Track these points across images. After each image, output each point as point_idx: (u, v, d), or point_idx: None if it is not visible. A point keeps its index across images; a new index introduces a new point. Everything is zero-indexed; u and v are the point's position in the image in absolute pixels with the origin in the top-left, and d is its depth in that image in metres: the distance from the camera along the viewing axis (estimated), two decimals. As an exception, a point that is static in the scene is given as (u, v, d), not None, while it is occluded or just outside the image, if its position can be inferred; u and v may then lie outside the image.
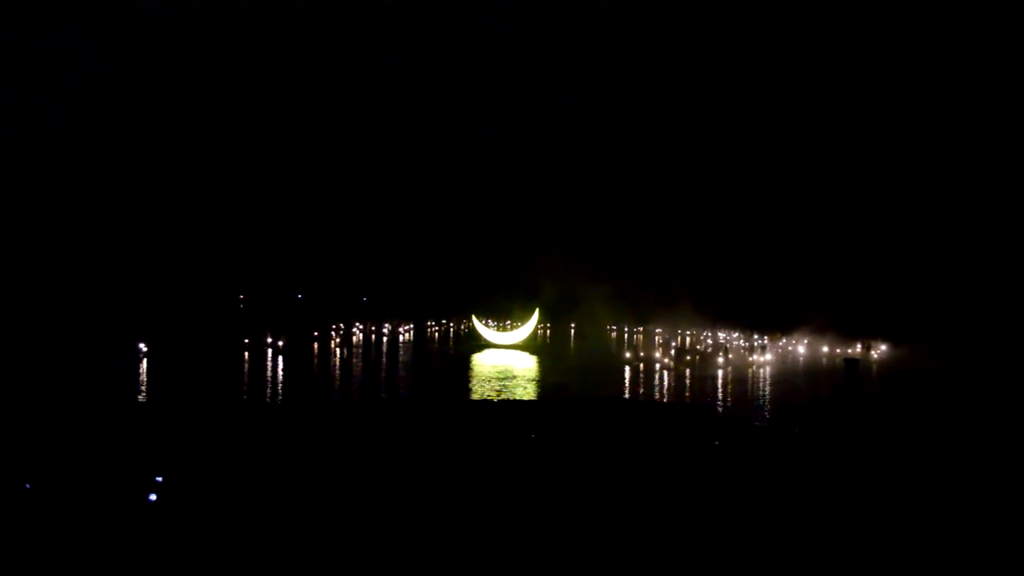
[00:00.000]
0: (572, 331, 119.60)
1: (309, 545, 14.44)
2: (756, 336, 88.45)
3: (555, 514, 16.57)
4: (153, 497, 16.39)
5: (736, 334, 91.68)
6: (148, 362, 52.19)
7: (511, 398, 39.79)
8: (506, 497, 17.56)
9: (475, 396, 42.14)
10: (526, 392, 43.86)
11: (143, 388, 40.76)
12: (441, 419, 27.35)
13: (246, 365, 54.36)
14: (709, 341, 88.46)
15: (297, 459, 20.39)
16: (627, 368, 59.01)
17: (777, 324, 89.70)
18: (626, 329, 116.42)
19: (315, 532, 15.03)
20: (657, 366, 60.55)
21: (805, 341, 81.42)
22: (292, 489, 17.67)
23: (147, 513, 15.84)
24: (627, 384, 48.69)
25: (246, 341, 67.84)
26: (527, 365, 62.26)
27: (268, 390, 41.74)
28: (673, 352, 73.23)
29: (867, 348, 74.97)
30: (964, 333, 76.80)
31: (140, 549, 14.16)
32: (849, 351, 74.20)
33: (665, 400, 41.03)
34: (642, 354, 71.26)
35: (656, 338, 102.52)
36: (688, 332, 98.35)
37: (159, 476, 17.47)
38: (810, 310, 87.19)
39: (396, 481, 18.74)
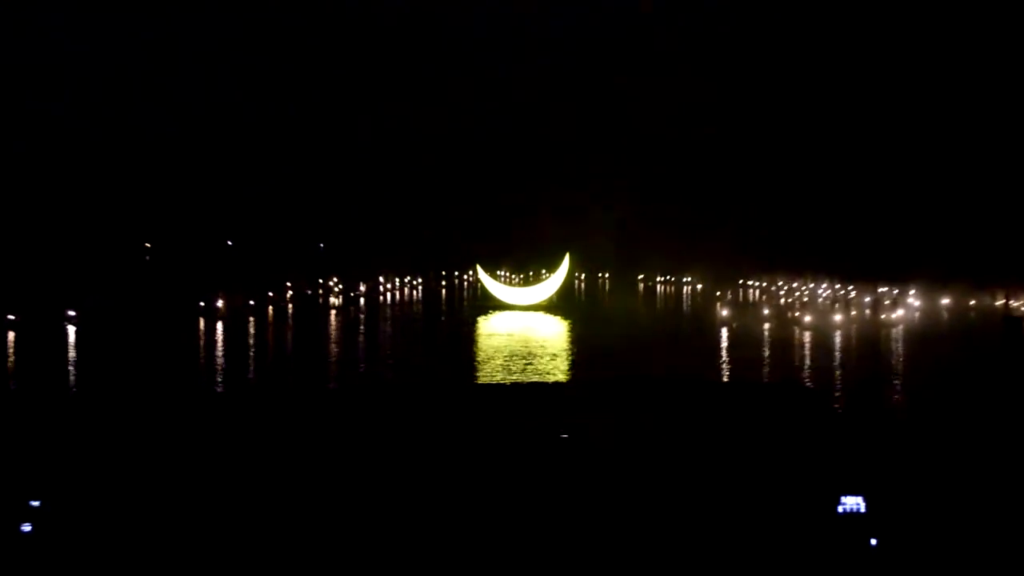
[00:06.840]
0: (606, 283, 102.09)
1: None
2: (839, 286, 70.07)
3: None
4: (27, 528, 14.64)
5: (822, 285, 72.89)
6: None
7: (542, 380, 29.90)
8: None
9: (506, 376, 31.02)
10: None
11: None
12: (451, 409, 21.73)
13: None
14: (798, 295, 69.36)
15: (270, 471, 16.36)
16: (715, 332, 46.33)
17: (870, 271, 70.72)
18: (655, 280, 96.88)
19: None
20: (766, 326, 47.14)
21: (916, 292, 63.04)
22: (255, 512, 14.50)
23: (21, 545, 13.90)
24: (719, 356, 37.84)
25: (201, 304, 53.02)
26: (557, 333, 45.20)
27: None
28: (767, 311, 55.06)
29: (1007, 299, 56.83)
30: None
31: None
32: (998, 304, 56.54)
33: (764, 381, 30.96)
34: (728, 313, 54.03)
35: (688, 288, 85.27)
36: (744, 282, 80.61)
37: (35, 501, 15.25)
38: (920, 255, 68.60)
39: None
